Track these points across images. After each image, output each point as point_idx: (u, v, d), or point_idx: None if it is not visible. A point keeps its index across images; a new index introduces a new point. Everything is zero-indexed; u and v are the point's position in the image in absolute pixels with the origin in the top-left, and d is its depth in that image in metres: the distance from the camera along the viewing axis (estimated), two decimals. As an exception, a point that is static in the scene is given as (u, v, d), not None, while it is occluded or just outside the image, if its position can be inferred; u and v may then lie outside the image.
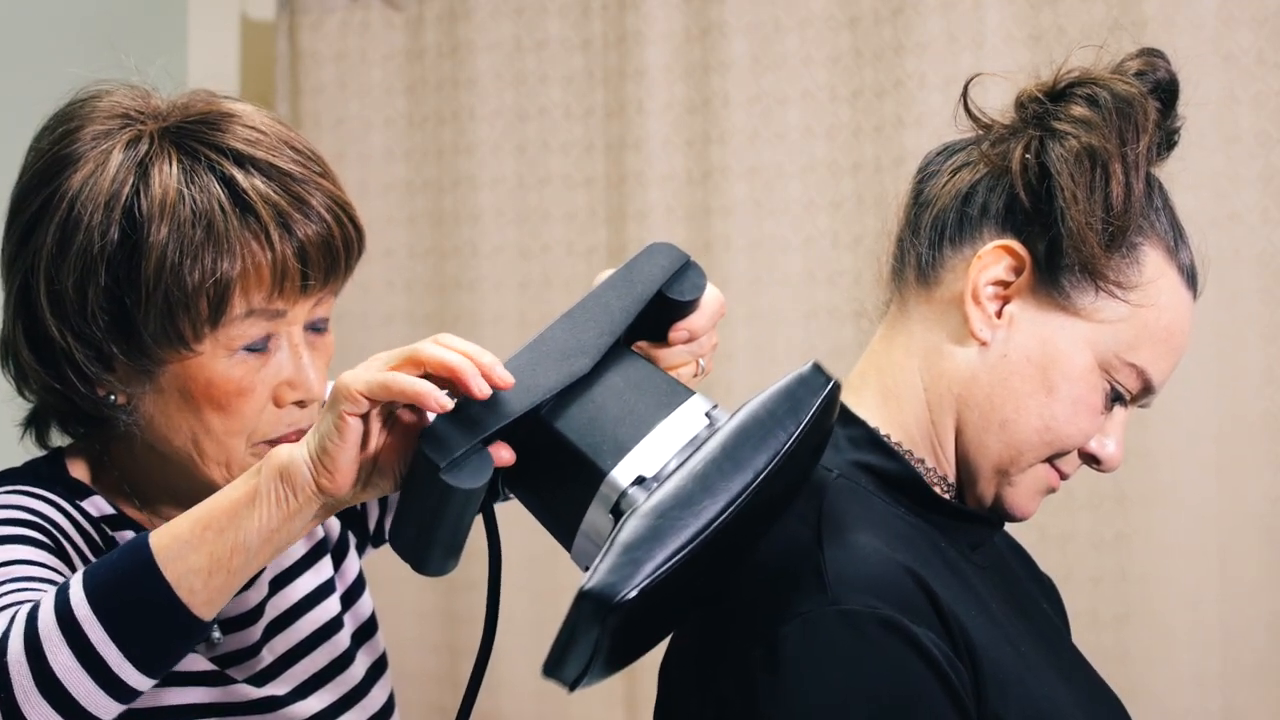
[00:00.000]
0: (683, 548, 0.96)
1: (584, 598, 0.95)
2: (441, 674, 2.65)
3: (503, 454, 1.02)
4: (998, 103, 1.23)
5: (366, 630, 1.41)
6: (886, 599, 1.05)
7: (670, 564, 0.95)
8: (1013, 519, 1.22)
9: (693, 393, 1.07)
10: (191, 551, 1.03)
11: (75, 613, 1.02)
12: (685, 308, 1.12)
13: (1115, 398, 1.19)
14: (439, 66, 2.65)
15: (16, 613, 1.04)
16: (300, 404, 1.21)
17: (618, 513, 1.00)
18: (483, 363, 1.00)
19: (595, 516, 1.01)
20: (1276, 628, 2.12)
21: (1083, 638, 1.38)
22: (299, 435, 1.22)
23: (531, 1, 2.58)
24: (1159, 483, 2.16)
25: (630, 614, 0.95)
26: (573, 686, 1.02)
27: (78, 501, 1.23)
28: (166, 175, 1.16)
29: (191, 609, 1.03)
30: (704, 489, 0.98)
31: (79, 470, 1.27)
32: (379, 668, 1.41)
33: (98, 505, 1.24)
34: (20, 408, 1.29)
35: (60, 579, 1.13)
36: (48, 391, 1.21)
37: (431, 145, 2.64)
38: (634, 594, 0.94)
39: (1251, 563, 2.13)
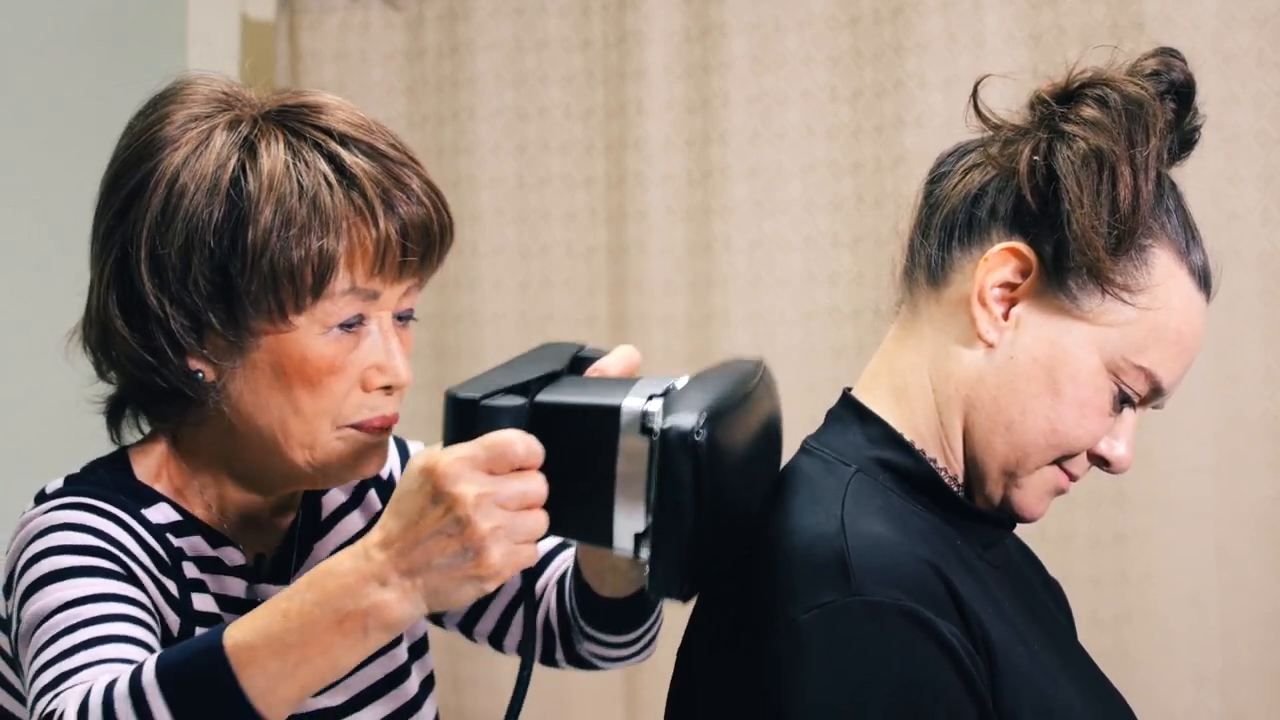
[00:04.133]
0: (734, 387, 1.07)
1: (665, 435, 1.00)
2: (441, 672, 2.65)
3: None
4: (1000, 103, 1.23)
5: (420, 646, 1.40)
6: (909, 591, 1.06)
7: (729, 395, 1.05)
8: (1022, 520, 1.22)
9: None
10: (281, 685, 1.01)
11: None
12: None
13: (1124, 400, 1.18)
14: (439, 66, 2.65)
15: (90, 690, 1.02)
16: (387, 390, 1.21)
17: (648, 430, 1.02)
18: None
19: (628, 444, 1.03)
20: (1276, 627, 2.12)
21: (1083, 638, 1.39)
22: (383, 421, 1.22)
23: (531, 1, 2.58)
24: (1158, 483, 2.16)
25: (710, 458, 1.00)
26: (684, 592, 1.04)
27: (141, 510, 1.21)
28: (274, 150, 1.17)
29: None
30: (718, 380, 1.08)
31: (144, 469, 1.26)
32: (429, 684, 1.40)
33: (163, 512, 1.23)
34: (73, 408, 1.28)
35: (130, 608, 1.12)
36: (135, 365, 1.20)
37: (431, 145, 2.64)
38: (707, 416, 1.00)
39: (1251, 562, 2.13)
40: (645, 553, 1.03)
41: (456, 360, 2.63)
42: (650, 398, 1.04)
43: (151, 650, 1.11)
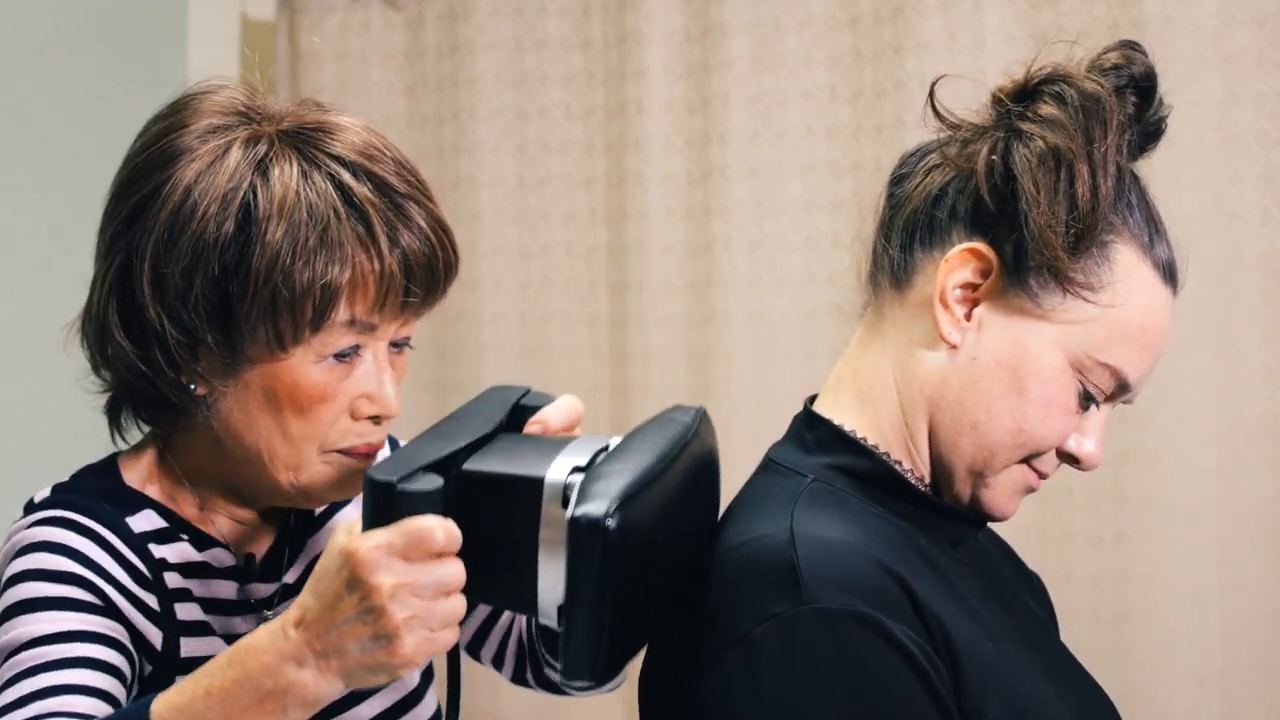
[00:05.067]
0: (660, 455, 1.05)
1: (574, 525, 0.99)
2: (441, 672, 2.65)
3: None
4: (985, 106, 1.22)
5: None
6: (862, 595, 1.05)
7: (650, 470, 1.03)
8: (992, 519, 1.21)
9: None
10: None
11: None
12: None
13: (1089, 397, 1.17)
14: (439, 66, 2.65)
15: None
16: (375, 420, 1.22)
17: (568, 502, 1.03)
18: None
19: (550, 516, 1.04)
20: (1276, 627, 2.12)
21: (1083, 637, 1.39)
22: (368, 449, 1.22)
23: (531, 1, 2.58)
24: (1159, 483, 2.16)
25: (621, 544, 0.99)
26: (595, 675, 1.03)
27: (125, 519, 1.22)
28: (286, 176, 1.17)
29: None
30: (646, 446, 1.06)
31: (134, 473, 1.26)
32: (429, 675, 1.41)
33: (148, 519, 1.24)
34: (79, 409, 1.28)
35: (96, 647, 1.13)
36: (130, 371, 1.20)
37: (431, 145, 2.64)
38: (619, 503, 0.99)
39: (1251, 563, 2.13)
40: None
41: (457, 360, 2.63)
42: (574, 470, 1.04)
43: (109, 697, 1.12)
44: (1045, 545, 2.19)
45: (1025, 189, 1.12)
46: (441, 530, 1.00)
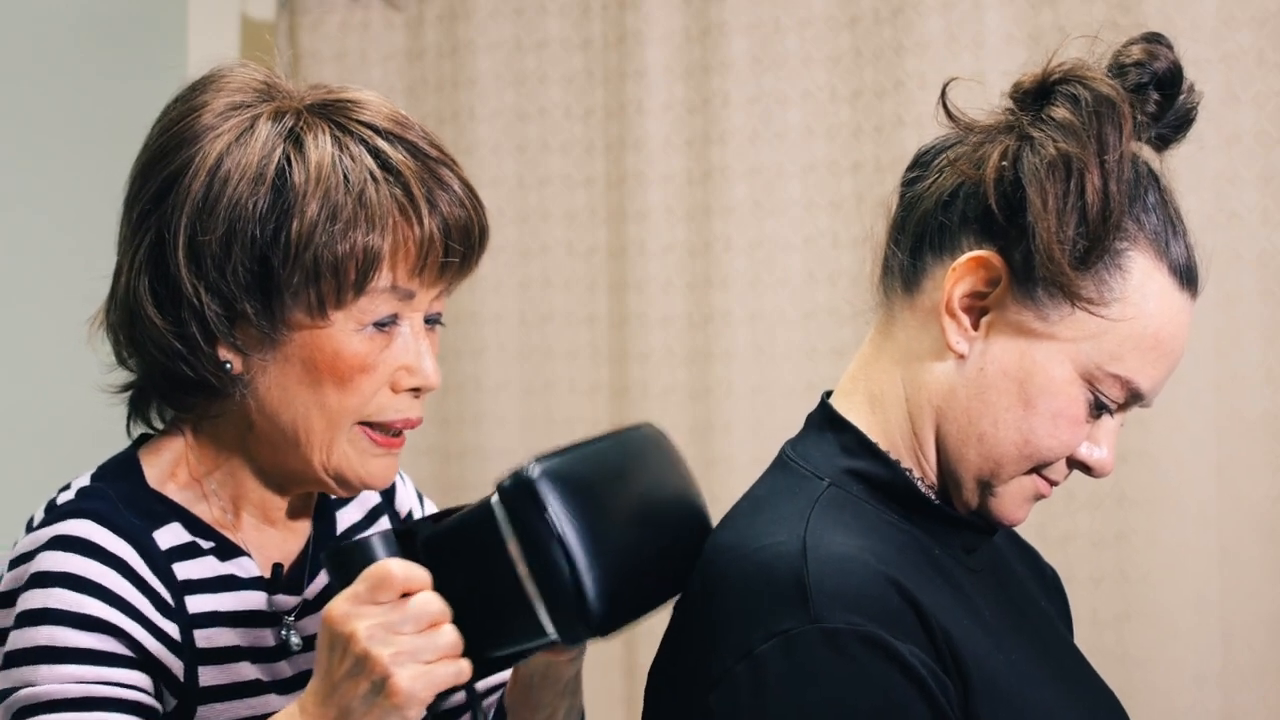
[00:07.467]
0: (568, 445, 1.10)
1: (501, 492, 1.04)
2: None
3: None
4: (999, 103, 1.21)
5: None
6: (870, 614, 1.04)
7: (568, 446, 1.09)
8: (1002, 525, 1.19)
9: None
10: None
11: None
12: None
13: (1100, 407, 1.14)
14: (439, 66, 2.65)
15: None
16: (415, 392, 1.21)
17: None
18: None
19: (507, 531, 1.07)
20: (1276, 628, 2.12)
21: (1083, 638, 1.38)
22: (406, 423, 1.21)
23: (531, 1, 2.58)
24: (1159, 483, 2.16)
25: (559, 488, 1.04)
26: (596, 627, 1.05)
27: (152, 533, 1.19)
28: (321, 143, 1.17)
29: None
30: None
31: (156, 471, 1.23)
32: None
33: (174, 532, 1.20)
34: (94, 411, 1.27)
35: (116, 716, 1.12)
36: (163, 351, 1.18)
37: (431, 145, 2.65)
38: (534, 460, 1.05)
39: (1251, 563, 2.13)
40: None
41: (457, 360, 2.63)
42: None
43: None
44: (1045, 546, 2.18)
45: (1033, 201, 1.09)
46: (398, 566, 1.03)
